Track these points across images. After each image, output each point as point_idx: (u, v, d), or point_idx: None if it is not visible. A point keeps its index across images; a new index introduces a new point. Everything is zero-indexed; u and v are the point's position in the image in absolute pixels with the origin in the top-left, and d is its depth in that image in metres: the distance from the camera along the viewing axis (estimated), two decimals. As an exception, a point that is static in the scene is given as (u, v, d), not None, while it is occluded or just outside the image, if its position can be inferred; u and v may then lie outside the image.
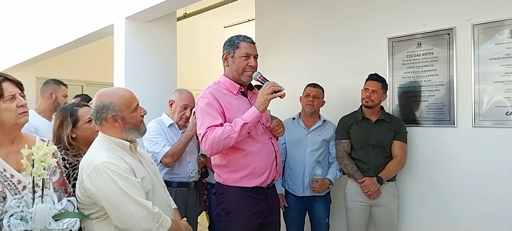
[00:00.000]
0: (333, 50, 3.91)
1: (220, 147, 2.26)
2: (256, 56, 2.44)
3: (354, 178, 3.21)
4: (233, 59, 2.41)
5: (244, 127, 2.25)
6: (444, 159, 3.19)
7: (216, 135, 2.23)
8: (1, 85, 1.70)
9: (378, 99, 3.20)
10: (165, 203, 2.11)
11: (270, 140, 2.46)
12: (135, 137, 2.03)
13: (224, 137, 2.23)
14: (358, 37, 3.71)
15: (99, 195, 1.83)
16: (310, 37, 4.13)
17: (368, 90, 3.19)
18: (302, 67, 4.14)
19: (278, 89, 2.25)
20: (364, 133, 3.22)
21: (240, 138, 2.27)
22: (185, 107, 3.13)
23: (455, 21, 3.11)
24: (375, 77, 3.22)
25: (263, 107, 2.27)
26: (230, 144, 2.26)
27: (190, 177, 3.11)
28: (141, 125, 2.04)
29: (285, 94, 2.25)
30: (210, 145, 2.25)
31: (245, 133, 2.28)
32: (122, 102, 1.97)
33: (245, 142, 2.36)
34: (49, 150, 1.65)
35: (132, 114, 1.99)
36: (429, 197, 3.27)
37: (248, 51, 2.40)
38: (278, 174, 2.51)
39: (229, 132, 2.24)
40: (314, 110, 3.39)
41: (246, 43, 2.42)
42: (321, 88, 3.46)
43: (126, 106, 1.97)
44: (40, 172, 1.62)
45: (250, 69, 2.40)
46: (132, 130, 2.00)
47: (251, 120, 2.26)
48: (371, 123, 3.23)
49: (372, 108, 3.22)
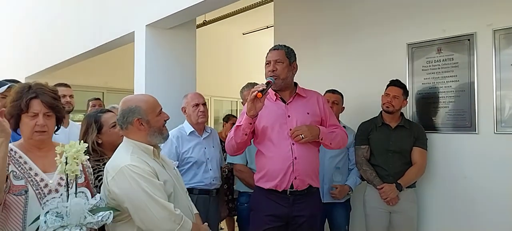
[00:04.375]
0: (352, 56, 3.93)
1: (230, 147, 2.56)
2: (277, 61, 2.56)
3: (373, 184, 3.22)
4: (265, 70, 2.61)
5: (238, 129, 2.46)
6: (464, 166, 3.18)
7: (228, 137, 2.57)
8: (29, 101, 1.85)
9: (399, 105, 3.22)
10: (187, 207, 2.17)
11: (292, 145, 2.51)
12: (158, 141, 2.10)
13: (229, 138, 2.54)
14: (377, 43, 3.73)
15: (123, 196, 1.90)
16: (329, 43, 4.15)
17: (389, 95, 3.21)
18: (322, 73, 4.16)
19: (255, 91, 2.31)
20: (384, 139, 3.24)
21: (239, 139, 2.47)
22: (196, 105, 3.20)
23: (476, 26, 3.12)
24: (396, 83, 3.24)
25: (248, 110, 2.36)
26: (234, 145, 2.52)
27: (212, 184, 3.17)
28: (164, 129, 2.11)
29: (261, 94, 2.28)
30: (226, 146, 2.61)
31: (241, 134, 2.45)
32: (147, 106, 2.05)
33: (264, 145, 2.55)
34: (81, 147, 1.75)
35: (156, 118, 2.07)
36: (450, 204, 3.26)
37: (268, 58, 2.59)
38: (300, 181, 2.52)
39: (231, 134, 2.52)
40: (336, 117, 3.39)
41: (269, 52, 2.64)
42: (340, 94, 3.48)
43: (151, 110, 2.05)
44: (74, 168, 1.71)
45: (270, 74, 2.55)
46: (156, 134, 2.06)
47: (242, 122, 2.44)
48: (391, 129, 3.25)
49: (393, 114, 3.25)
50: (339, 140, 2.65)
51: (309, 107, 2.62)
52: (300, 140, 2.48)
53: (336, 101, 3.43)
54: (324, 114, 2.68)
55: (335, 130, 2.66)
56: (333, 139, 2.61)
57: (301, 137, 2.47)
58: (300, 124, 2.53)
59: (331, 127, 2.66)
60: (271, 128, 2.53)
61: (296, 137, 2.47)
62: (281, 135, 2.52)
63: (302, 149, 2.51)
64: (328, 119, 2.69)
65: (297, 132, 2.48)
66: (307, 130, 2.50)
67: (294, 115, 2.56)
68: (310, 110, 2.62)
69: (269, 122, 2.52)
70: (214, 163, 3.24)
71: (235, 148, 2.55)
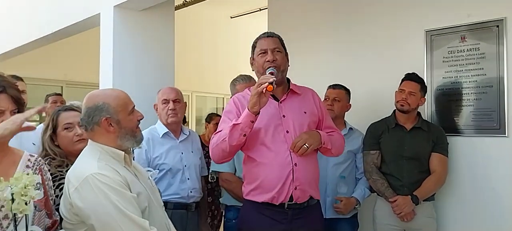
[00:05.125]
0: (360, 45, 3.93)
1: (219, 152, 2.47)
2: (276, 49, 2.58)
3: (384, 196, 3.23)
4: (255, 61, 2.63)
5: (235, 129, 2.39)
6: (492, 175, 3.19)
7: (214, 140, 2.49)
8: None
9: (415, 103, 3.24)
10: (164, 225, 2.17)
11: (290, 150, 2.50)
12: (131, 144, 2.10)
13: (220, 141, 2.44)
14: (390, 29, 3.73)
15: (88, 211, 1.88)
16: (332, 30, 4.13)
17: (404, 91, 3.22)
18: (323, 66, 4.15)
19: (263, 82, 2.32)
20: (398, 142, 3.25)
21: (235, 141, 2.41)
22: (165, 102, 3.19)
23: (506, 10, 3.13)
24: (413, 77, 3.26)
25: (252, 105, 2.36)
26: (227, 149, 2.44)
27: (190, 197, 3.17)
28: (137, 131, 2.10)
29: (272, 87, 2.29)
30: (211, 151, 2.52)
31: (238, 135, 2.40)
32: (117, 103, 2.03)
33: (257, 150, 2.51)
34: (30, 180, 1.68)
35: (128, 118, 2.06)
36: (474, 219, 3.26)
37: (263, 46, 2.58)
38: (301, 191, 2.52)
39: (223, 135, 2.43)
40: (335, 116, 3.37)
41: (262, 39, 2.63)
42: (345, 89, 3.50)
43: (122, 108, 2.04)
44: (22, 208, 1.65)
45: (268, 65, 2.54)
46: (128, 136, 2.06)
47: (242, 120, 2.39)
48: (406, 131, 3.27)
49: (408, 114, 3.26)
50: (339, 145, 2.70)
51: (305, 105, 2.65)
52: (306, 151, 2.48)
53: (337, 97, 3.44)
54: (321, 113, 2.72)
55: (333, 133, 2.70)
56: (333, 143, 2.64)
57: (306, 146, 2.47)
58: (298, 125, 2.55)
59: (327, 129, 2.71)
60: (265, 130, 2.53)
61: (301, 149, 2.47)
62: (276, 137, 2.52)
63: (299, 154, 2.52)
64: (324, 120, 2.73)
65: (300, 142, 2.47)
66: (308, 137, 2.51)
67: (290, 115, 2.58)
68: (307, 109, 2.65)
69: (262, 123, 2.51)
70: (193, 171, 3.23)
71: (226, 153, 2.48)
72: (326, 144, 2.58)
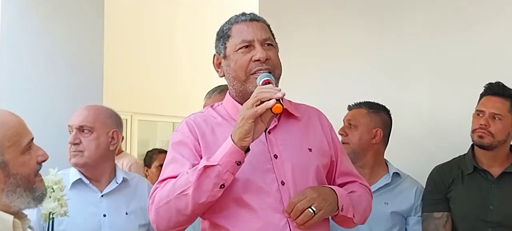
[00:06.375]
0: (397, 39, 3.99)
1: (172, 215, 2.30)
2: (266, 42, 2.43)
3: None
4: (227, 61, 2.44)
5: (207, 174, 2.20)
6: None
7: (164, 193, 2.30)
8: None
9: (505, 133, 3.11)
10: None
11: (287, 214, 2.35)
12: (24, 203, 1.96)
13: (174, 196, 2.26)
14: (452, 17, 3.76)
15: None
16: (350, 17, 4.25)
17: (483, 114, 3.12)
18: (334, 69, 4.22)
19: (266, 98, 2.13)
20: (479, 199, 3.17)
21: (204, 195, 2.22)
22: (69, 130, 3.06)
23: None
24: (497, 90, 3.16)
25: (241, 134, 2.17)
26: (187, 210, 2.26)
27: None
28: (37, 181, 1.98)
29: (281, 107, 2.12)
30: (155, 212, 2.32)
31: (212, 186, 2.22)
32: (3, 134, 1.90)
33: (230, 215, 2.38)
34: None
35: (21, 159, 1.92)
36: None
37: (246, 36, 2.41)
38: None
39: (182, 186, 2.24)
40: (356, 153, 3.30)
41: (242, 24, 2.47)
42: (370, 107, 3.42)
43: (12, 142, 1.92)
44: None
45: (258, 67, 2.36)
46: (19, 189, 1.91)
47: (221, 159, 2.18)
48: (492, 181, 3.16)
49: (494, 151, 3.16)
50: (366, 206, 2.57)
51: (309, 137, 2.50)
52: (311, 220, 2.29)
53: (353, 122, 3.36)
54: (334, 151, 2.57)
55: (354, 186, 2.57)
56: (356, 207, 2.48)
57: (312, 212, 2.26)
58: (299, 171, 2.40)
59: (345, 177, 2.58)
60: (245, 179, 2.35)
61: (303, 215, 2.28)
62: (264, 192, 2.36)
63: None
64: (339, 161, 2.58)
65: (303, 203, 2.28)
66: (317, 195, 2.32)
67: (286, 154, 2.41)
68: (313, 143, 2.49)
69: (241, 169, 2.32)
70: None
71: (185, 216, 2.29)
72: (345, 209, 2.40)
